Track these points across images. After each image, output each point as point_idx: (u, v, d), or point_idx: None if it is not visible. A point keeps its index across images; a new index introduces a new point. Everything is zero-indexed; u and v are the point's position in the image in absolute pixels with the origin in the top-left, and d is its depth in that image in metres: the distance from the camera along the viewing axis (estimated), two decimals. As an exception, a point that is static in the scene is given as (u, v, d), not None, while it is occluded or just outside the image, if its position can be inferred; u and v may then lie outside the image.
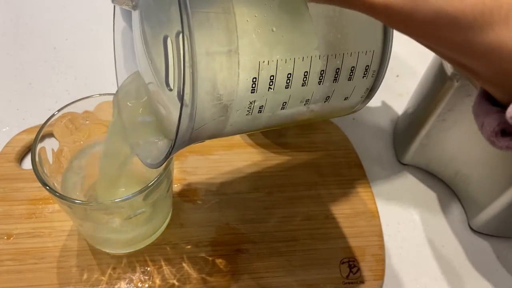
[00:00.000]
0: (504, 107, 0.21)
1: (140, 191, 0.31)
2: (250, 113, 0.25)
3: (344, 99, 0.28)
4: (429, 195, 0.47)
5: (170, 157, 0.26)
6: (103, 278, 0.38)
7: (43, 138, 0.34)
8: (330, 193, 0.45)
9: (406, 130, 0.48)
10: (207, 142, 0.47)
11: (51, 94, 0.52)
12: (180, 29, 0.21)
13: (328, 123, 0.51)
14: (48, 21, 0.61)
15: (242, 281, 0.39)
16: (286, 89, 0.25)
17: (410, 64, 0.61)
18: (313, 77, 0.25)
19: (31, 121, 0.49)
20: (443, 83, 0.39)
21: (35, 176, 0.31)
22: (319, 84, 0.26)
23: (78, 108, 0.36)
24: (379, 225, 0.43)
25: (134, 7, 0.29)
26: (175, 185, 0.44)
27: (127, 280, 0.38)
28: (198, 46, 0.21)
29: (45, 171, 0.33)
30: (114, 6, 0.31)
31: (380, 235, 0.43)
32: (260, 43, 0.23)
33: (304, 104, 0.27)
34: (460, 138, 0.42)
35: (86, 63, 0.56)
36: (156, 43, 0.28)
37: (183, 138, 0.24)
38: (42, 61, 0.56)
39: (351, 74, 0.27)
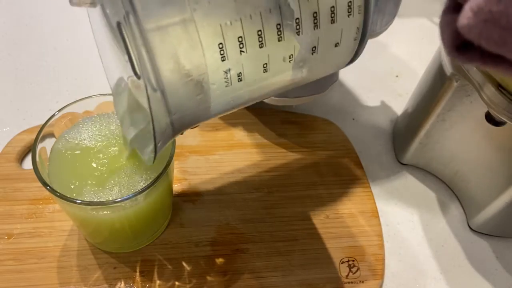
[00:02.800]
0: None
1: (140, 191, 0.31)
2: (229, 83, 0.23)
3: (335, 46, 0.25)
4: (429, 195, 0.47)
5: (160, 146, 0.24)
6: (103, 277, 0.38)
7: (44, 138, 0.34)
8: (330, 193, 0.45)
9: (405, 130, 0.48)
10: (207, 142, 0.48)
11: (51, 94, 0.52)
12: (125, 11, 0.19)
13: (328, 123, 0.51)
14: (48, 21, 0.61)
15: (242, 281, 0.39)
16: (261, 48, 0.22)
17: (409, 64, 0.61)
18: (289, 29, 0.22)
19: (31, 121, 0.49)
20: (443, 83, 0.39)
21: (35, 176, 0.31)
22: (298, 35, 0.23)
23: (78, 108, 0.36)
24: (379, 225, 0.43)
25: (93, 4, 0.27)
26: (175, 185, 0.44)
27: (127, 280, 0.38)
28: (146, 22, 0.19)
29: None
30: (87, 10, 0.30)
31: (380, 235, 0.43)
32: (216, 3, 0.21)
33: (290, 61, 0.24)
34: (460, 138, 0.42)
35: (86, 63, 0.56)
36: (116, 31, 0.26)
37: (163, 126, 0.22)
38: (42, 61, 0.56)
39: (333, 15, 0.23)
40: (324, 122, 0.51)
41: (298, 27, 0.23)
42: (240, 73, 0.23)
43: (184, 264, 0.39)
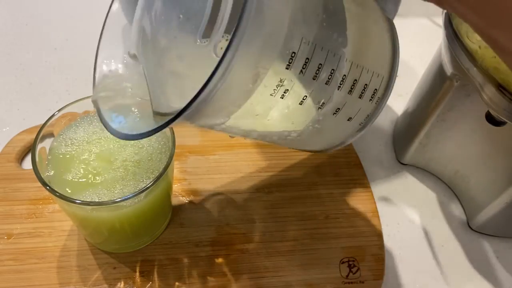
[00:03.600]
0: None
1: (140, 191, 0.31)
2: (274, 94, 0.23)
3: (348, 120, 0.27)
4: (429, 195, 0.47)
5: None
6: (103, 278, 0.38)
7: (44, 138, 0.34)
8: (330, 193, 0.45)
9: (405, 130, 0.48)
10: (207, 142, 0.47)
11: (51, 94, 0.52)
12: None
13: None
14: (48, 21, 0.61)
15: (242, 281, 0.39)
16: (313, 80, 0.23)
17: (410, 64, 0.61)
18: (336, 78, 0.24)
19: (31, 121, 0.49)
20: (443, 83, 0.39)
21: (35, 176, 0.31)
22: (338, 90, 0.25)
23: (78, 108, 0.36)
24: (379, 225, 0.43)
25: None
26: (175, 185, 0.44)
27: (127, 280, 0.38)
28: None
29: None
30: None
31: (380, 235, 0.43)
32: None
33: (318, 108, 0.26)
34: (460, 138, 0.42)
35: (86, 63, 0.55)
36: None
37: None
38: (42, 61, 0.56)
39: (363, 91, 0.26)
40: (324, 122, 0.51)
41: (341, 82, 0.25)
42: (287, 90, 0.24)
43: (184, 264, 0.39)
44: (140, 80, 0.29)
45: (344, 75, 0.25)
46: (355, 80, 0.25)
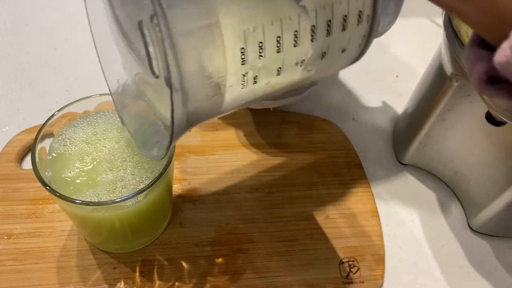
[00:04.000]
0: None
1: (140, 191, 0.31)
2: (245, 86, 0.24)
3: (342, 52, 0.26)
4: (429, 195, 0.47)
5: (172, 145, 0.26)
6: (103, 278, 0.38)
7: (43, 138, 0.34)
8: (330, 193, 0.45)
9: (405, 130, 0.48)
10: (207, 142, 0.47)
11: (51, 94, 0.52)
12: (153, 12, 0.19)
13: (328, 123, 0.51)
14: (48, 21, 0.61)
15: (242, 281, 0.39)
16: (278, 54, 0.23)
17: (409, 64, 0.61)
18: (305, 35, 0.24)
19: (31, 121, 0.49)
20: (443, 83, 0.39)
21: (35, 176, 0.31)
22: (312, 42, 0.24)
23: (78, 108, 0.36)
24: (379, 225, 0.43)
25: None
26: (175, 185, 0.44)
27: (127, 280, 0.38)
28: (174, 26, 0.19)
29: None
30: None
31: (380, 235, 0.43)
32: (241, 9, 0.22)
33: (300, 66, 0.25)
34: (460, 138, 0.42)
35: (86, 63, 0.56)
36: (135, 30, 0.25)
37: (180, 125, 0.23)
38: (42, 61, 0.56)
39: (344, 23, 0.25)
40: (323, 122, 0.51)
41: (313, 34, 0.24)
42: (256, 76, 0.23)
43: (184, 264, 0.39)
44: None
45: (313, 25, 0.24)
46: (329, 21, 0.24)
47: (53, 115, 0.34)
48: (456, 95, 0.39)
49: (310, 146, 0.49)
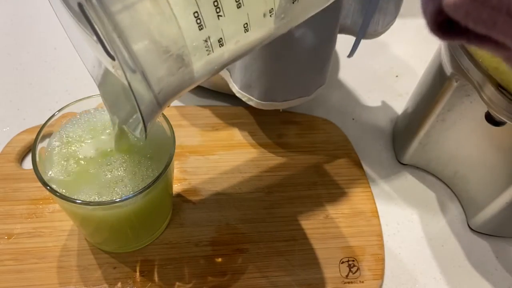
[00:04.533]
0: None
1: (140, 191, 0.31)
2: (211, 51, 0.21)
3: None
4: (429, 195, 0.47)
5: (149, 125, 0.24)
6: (103, 277, 0.38)
7: (44, 138, 0.34)
8: (329, 193, 0.45)
9: (405, 130, 0.48)
10: (207, 142, 0.48)
11: (51, 94, 0.52)
12: None
13: (328, 123, 0.51)
14: (48, 21, 0.61)
15: (242, 281, 0.39)
16: (239, 8, 0.21)
17: (409, 64, 0.61)
18: None
19: (31, 121, 0.49)
20: (442, 83, 0.39)
21: (35, 176, 0.31)
22: None
23: (78, 108, 0.36)
24: (379, 225, 0.43)
25: None
26: (175, 185, 0.44)
27: (127, 280, 0.38)
28: (111, 3, 0.18)
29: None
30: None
31: (380, 235, 0.43)
32: None
33: (270, 16, 0.23)
34: (459, 138, 0.42)
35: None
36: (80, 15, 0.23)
37: (148, 105, 0.21)
38: (42, 61, 0.56)
39: None
40: (324, 122, 0.51)
41: None
42: (221, 38, 0.22)
43: (184, 264, 0.39)
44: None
45: None
46: None
47: (53, 115, 0.34)
48: (456, 95, 0.39)
49: (310, 146, 0.49)
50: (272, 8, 0.23)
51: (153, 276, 0.38)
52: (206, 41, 0.21)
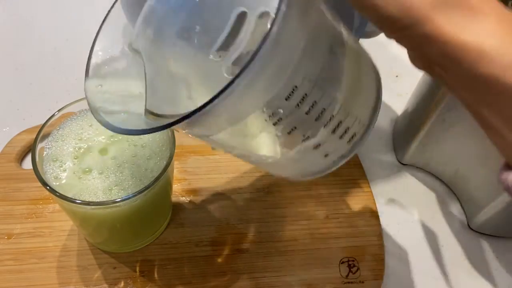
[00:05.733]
0: None
1: (140, 191, 0.31)
2: (268, 120, 0.25)
3: (325, 156, 0.29)
4: (429, 195, 0.47)
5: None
6: (103, 277, 0.38)
7: (43, 138, 0.34)
8: (330, 193, 0.45)
9: (405, 130, 0.48)
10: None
11: (51, 94, 0.52)
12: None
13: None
14: (48, 21, 0.61)
15: (242, 281, 0.39)
16: (306, 115, 0.25)
17: (409, 64, 0.61)
18: (325, 117, 0.26)
19: (31, 121, 0.49)
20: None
21: (35, 176, 0.31)
22: (324, 127, 0.26)
23: (78, 108, 0.36)
24: (379, 225, 0.43)
25: None
26: (175, 185, 0.44)
27: (127, 280, 0.38)
28: None
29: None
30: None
31: (380, 235, 0.43)
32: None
33: (302, 140, 0.26)
34: (460, 138, 0.42)
35: (86, 63, 0.56)
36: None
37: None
38: (42, 61, 0.56)
39: (344, 133, 0.28)
40: (324, 122, 0.51)
41: (328, 122, 0.26)
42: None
43: (184, 264, 0.39)
44: (137, 74, 0.28)
45: (332, 115, 0.26)
46: (340, 121, 0.27)
47: (53, 115, 0.34)
48: (456, 95, 0.39)
49: (310, 146, 0.49)
50: (308, 136, 0.26)
51: (153, 276, 0.38)
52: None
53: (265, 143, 0.27)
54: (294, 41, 0.22)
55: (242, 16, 0.27)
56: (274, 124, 0.25)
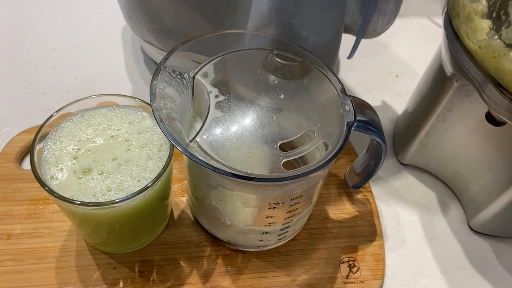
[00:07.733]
0: None
1: (140, 191, 0.31)
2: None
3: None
4: (429, 195, 0.47)
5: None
6: (102, 278, 0.38)
7: (42, 138, 0.34)
8: (330, 193, 0.45)
9: (405, 130, 0.48)
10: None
11: (51, 94, 0.52)
12: None
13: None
14: (48, 21, 0.61)
15: (242, 281, 0.39)
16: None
17: (409, 64, 0.61)
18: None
19: (31, 121, 0.49)
20: (443, 83, 0.39)
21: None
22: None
23: (77, 108, 0.36)
24: (379, 225, 0.43)
25: None
26: (175, 185, 0.44)
27: (127, 280, 0.38)
28: None
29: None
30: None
31: (380, 235, 0.43)
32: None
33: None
34: (460, 138, 0.42)
35: (86, 63, 0.56)
36: None
37: None
38: (42, 61, 0.56)
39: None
40: (324, 122, 0.51)
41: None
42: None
43: (184, 264, 0.39)
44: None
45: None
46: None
47: (51, 116, 0.34)
48: (456, 95, 0.39)
49: (310, 146, 0.49)
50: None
51: (153, 276, 0.38)
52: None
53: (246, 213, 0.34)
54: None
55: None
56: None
